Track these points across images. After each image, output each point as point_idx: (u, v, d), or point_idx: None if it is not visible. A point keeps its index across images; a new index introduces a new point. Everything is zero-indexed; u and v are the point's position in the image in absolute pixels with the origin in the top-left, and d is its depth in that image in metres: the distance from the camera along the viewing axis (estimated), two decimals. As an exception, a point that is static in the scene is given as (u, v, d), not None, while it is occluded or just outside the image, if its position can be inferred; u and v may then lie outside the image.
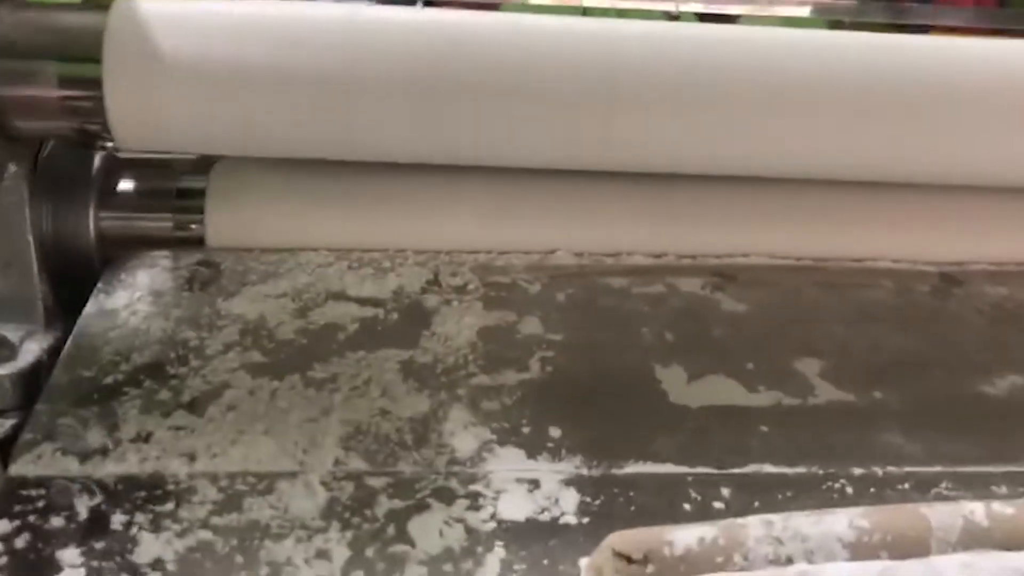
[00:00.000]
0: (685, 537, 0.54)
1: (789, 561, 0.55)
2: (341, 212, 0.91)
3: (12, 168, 0.78)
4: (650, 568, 0.53)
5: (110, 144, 0.79)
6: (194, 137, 0.76)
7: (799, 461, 0.69)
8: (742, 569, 0.54)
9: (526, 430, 0.70)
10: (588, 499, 0.63)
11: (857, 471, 0.68)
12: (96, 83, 0.70)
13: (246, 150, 0.83)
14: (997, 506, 0.57)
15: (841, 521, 0.56)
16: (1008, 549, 0.56)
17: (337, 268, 0.87)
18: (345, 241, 0.90)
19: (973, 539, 0.55)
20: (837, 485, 0.67)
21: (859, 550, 0.55)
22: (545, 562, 0.59)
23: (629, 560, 0.54)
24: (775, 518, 0.56)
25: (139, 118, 0.72)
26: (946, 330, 0.87)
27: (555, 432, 0.70)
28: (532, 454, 0.67)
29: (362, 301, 0.82)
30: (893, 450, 0.71)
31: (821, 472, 0.68)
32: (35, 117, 0.77)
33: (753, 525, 0.56)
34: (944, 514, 0.57)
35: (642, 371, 0.77)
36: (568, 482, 0.65)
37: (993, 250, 0.99)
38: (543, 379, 0.75)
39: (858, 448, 0.71)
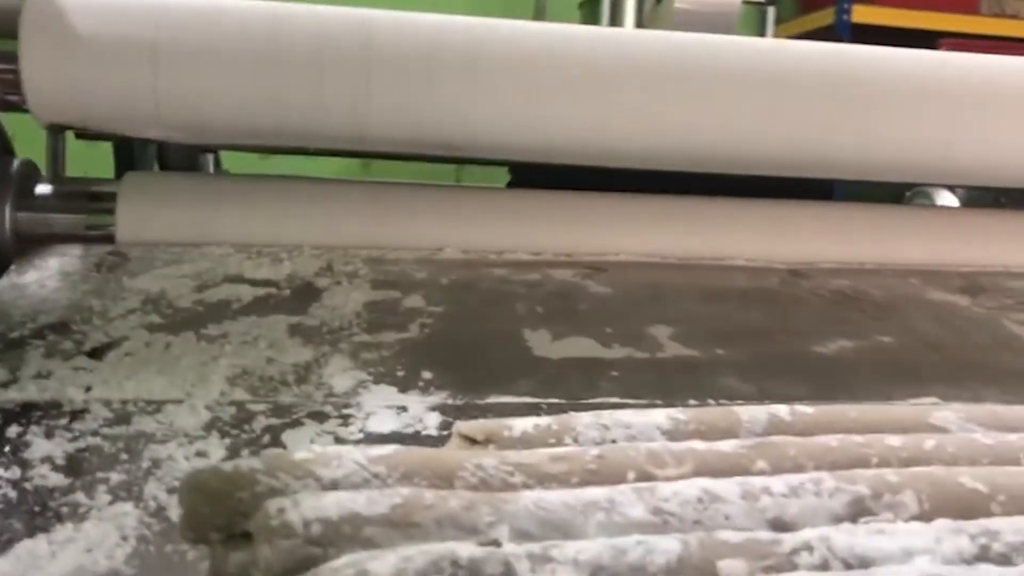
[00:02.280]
0: (523, 424, 0.62)
1: (613, 443, 0.62)
2: (242, 212, 0.99)
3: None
4: (491, 447, 0.61)
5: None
6: (106, 111, 0.84)
7: (642, 395, 0.77)
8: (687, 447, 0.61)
9: (400, 373, 0.77)
10: (449, 419, 0.71)
11: (692, 402, 0.77)
12: (14, 57, 0.79)
13: (153, 126, 0.91)
14: (800, 407, 0.66)
15: (661, 414, 0.64)
16: (805, 436, 0.64)
17: (237, 258, 0.95)
18: (246, 237, 0.98)
19: (776, 429, 0.64)
20: (674, 412, 0.75)
21: (675, 436, 0.62)
22: (405, 462, 0.66)
23: (473, 441, 0.61)
24: (604, 412, 0.64)
25: (53, 90, 0.80)
26: (788, 309, 0.97)
27: (427, 375, 0.77)
28: (404, 390, 0.75)
29: (257, 282, 0.90)
30: (728, 390, 0.80)
31: (661, 402, 0.76)
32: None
33: (584, 416, 0.63)
34: (753, 411, 0.65)
35: (511, 333, 0.86)
36: (433, 408, 0.72)
37: (838, 252, 1.11)
38: (421, 338, 0.83)
39: (696, 388, 0.79)
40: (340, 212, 1.00)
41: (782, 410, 0.65)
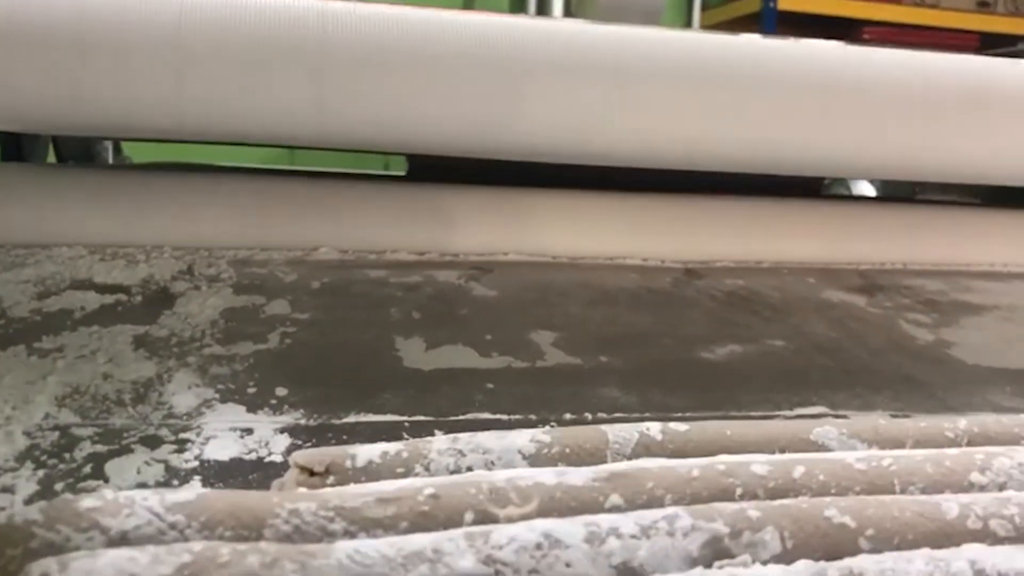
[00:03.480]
0: (368, 452, 0.56)
1: (469, 470, 0.57)
2: (98, 211, 0.91)
3: None
4: (331, 479, 0.55)
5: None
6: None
7: (516, 410, 0.72)
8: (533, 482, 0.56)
9: (252, 390, 0.71)
10: (299, 442, 0.65)
11: (568, 416, 0.72)
12: None
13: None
14: (673, 425, 0.62)
15: (524, 436, 0.59)
16: (677, 456, 0.60)
17: (88, 260, 0.87)
18: (102, 238, 0.91)
19: (647, 451, 0.59)
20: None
21: (538, 460, 0.58)
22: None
23: (311, 473, 0.55)
24: (463, 436, 0.59)
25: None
26: (679, 311, 0.94)
27: (281, 392, 0.71)
28: (253, 409, 0.68)
29: (106, 287, 0.83)
30: (608, 401, 0.76)
31: (535, 418, 0.72)
32: None
33: (439, 440, 0.58)
34: (622, 429, 0.61)
35: (382, 343, 0.80)
36: (282, 430, 0.66)
37: (735, 250, 1.08)
38: (280, 349, 0.77)
39: (575, 399, 0.75)
40: (204, 208, 0.93)
41: (653, 428, 0.61)
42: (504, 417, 0.71)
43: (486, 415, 0.72)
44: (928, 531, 0.49)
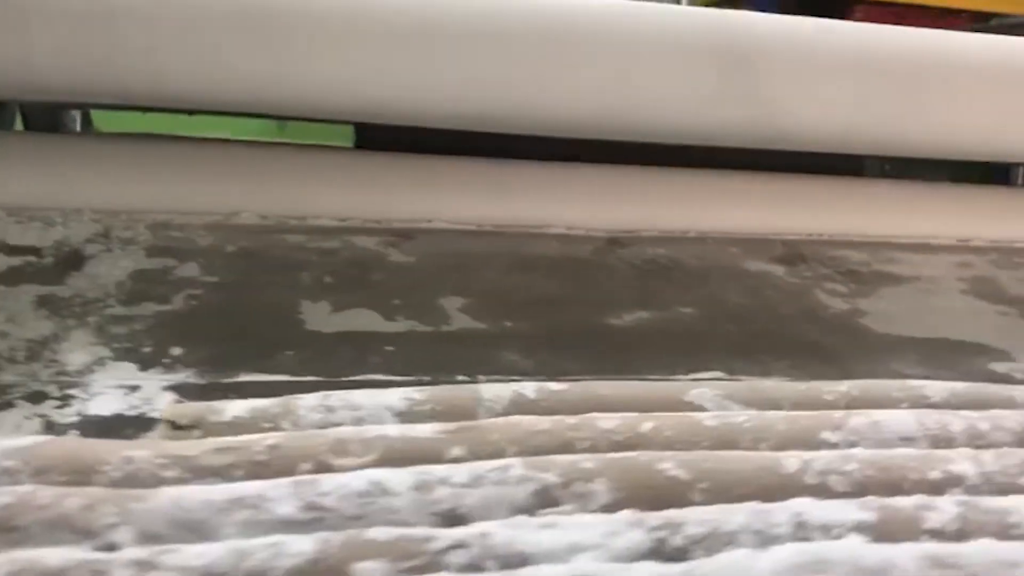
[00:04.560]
0: (237, 407, 0.57)
1: (337, 426, 0.58)
2: (15, 174, 0.92)
3: None
4: (197, 433, 0.56)
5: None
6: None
7: (411, 373, 0.73)
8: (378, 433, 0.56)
9: (147, 349, 0.72)
10: (184, 399, 0.66)
11: (461, 378, 0.73)
12: None
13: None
14: (549, 384, 0.63)
15: (396, 394, 0.60)
16: (550, 414, 0.61)
17: (3, 222, 0.87)
18: (20, 200, 0.91)
19: (519, 409, 0.60)
20: (438, 389, 0.72)
21: (409, 417, 0.59)
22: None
23: (178, 427, 0.56)
24: (335, 393, 0.60)
25: None
26: (595, 279, 0.94)
27: (177, 351, 0.72)
28: (145, 368, 0.69)
29: (17, 249, 0.83)
30: (507, 365, 0.76)
31: (428, 380, 0.72)
32: None
33: (309, 397, 0.59)
34: (496, 388, 0.62)
35: (287, 305, 0.81)
36: (170, 387, 0.67)
37: (660, 220, 1.08)
38: (183, 310, 0.78)
39: (472, 363, 0.76)
40: (125, 173, 0.93)
41: (528, 387, 0.62)
42: (397, 379, 0.72)
43: (378, 376, 0.72)
44: (764, 485, 0.50)
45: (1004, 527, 0.49)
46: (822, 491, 0.50)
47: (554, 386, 0.62)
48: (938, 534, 0.48)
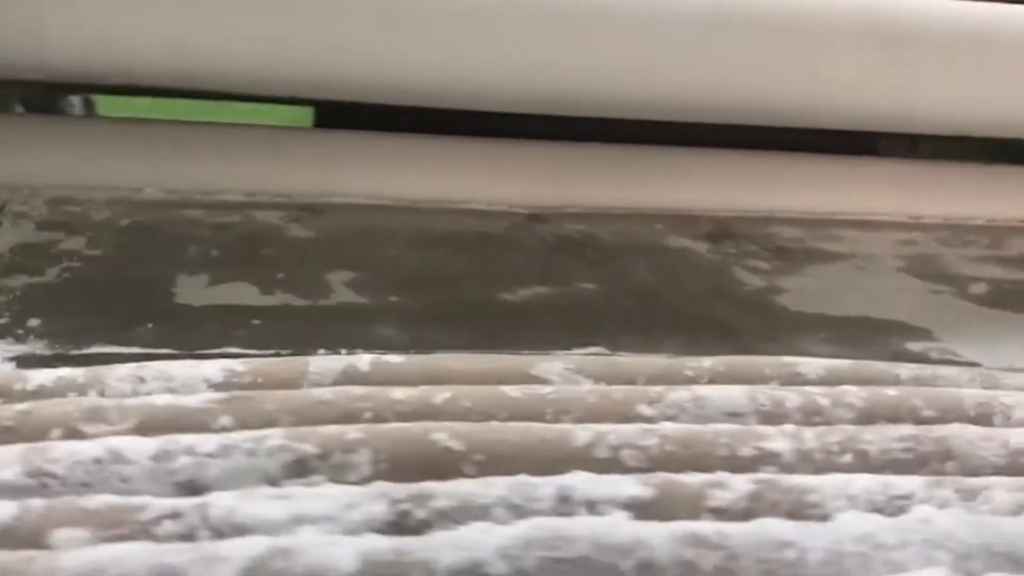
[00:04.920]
0: (43, 376, 0.56)
1: (147, 395, 0.56)
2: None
3: None
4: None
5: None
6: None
7: (272, 347, 0.71)
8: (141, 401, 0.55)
9: (3, 321, 0.71)
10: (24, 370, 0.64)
11: (322, 351, 0.71)
12: None
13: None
14: (387, 357, 0.60)
15: (215, 366, 0.58)
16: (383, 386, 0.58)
17: None
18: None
19: (350, 381, 0.57)
20: (293, 363, 0.70)
21: (224, 388, 0.56)
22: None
23: (-19, 395, 0.55)
24: (150, 364, 0.58)
25: None
26: (501, 254, 0.92)
27: (35, 322, 0.71)
28: (-4, 339, 0.69)
29: (-98, 223, 0.83)
30: (379, 340, 0.74)
31: (288, 354, 0.70)
32: None
33: (122, 367, 0.57)
34: (326, 361, 0.60)
35: (162, 279, 0.79)
36: (13, 359, 0.66)
37: (586, 196, 1.05)
38: (53, 283, 0.77)
39: (340, 338, 0.73)
40: (25, 149, 0.93)
41: (363, 360, 0.59)
42: (253, 353, 0.70)
43: (235, 350, 0.71)
44: (547, 457, 0.47)
45: (799, 506, 0.45)
46: (609, 465, 0.47)
47: (390, 358, 0.60)
48: (721, 512, 0.44)
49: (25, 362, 0.66)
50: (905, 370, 0.65)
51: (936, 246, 1.06)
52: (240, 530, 0.39)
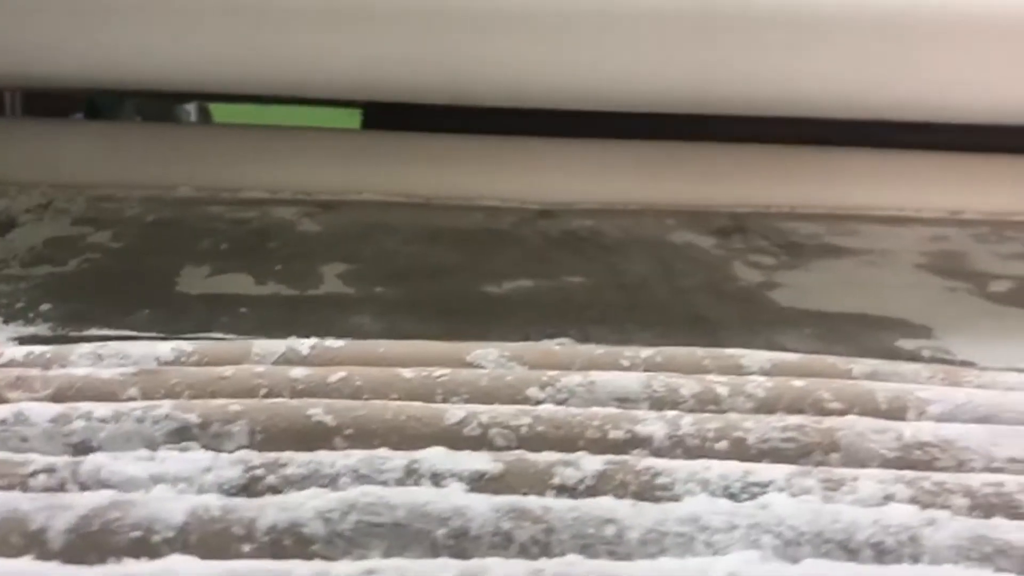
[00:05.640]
0: (14, 352, 0.62)
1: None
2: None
3: None
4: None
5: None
6: None
7: (252, 333, 0.76)
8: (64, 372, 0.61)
9: (20, 305, 0.78)
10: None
11: (293, 338, 0.75)
12: None
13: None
14: (327, 341, 0.64)
15: (167, 346, 0.63)
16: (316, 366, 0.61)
17: (-41, 192, 0.98)
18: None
19: (289, 361, 0.62)
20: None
21: (174, 365, 0.62)
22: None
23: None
24: (112, 343, 0.64)
25: None
26: (498, 249, 0.94)
27: (45, 307, 0.78)
28: (8, 320, 0.76)
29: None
30: (353, 328, 0.78)
31: (261, 338, 0.75)
32: None
33: (85, 345, 0.63)
34: (270, 344, 0.64)
35: (169, 269, 0.86)
36: (18, 339, 0.73)
37: (601, 192, 1.06)
38: (72, 272, 0.85)
39: (317, 325, 0.77)
40: (70, 152, 1.02)
41: (303, 344, 0.64)
42: (233, 337, 0.76)
43: (219, 335, 0.76)
44: (414, 434, 0.50)
45: (647, 488, 0.46)
46: (476, 443, 0.49)
47: (330, 343, 0.64)
48: (565, 490, 0.46)
49: (27, 341, 0.73)
50: (861, 365, 0.64)
51: (970, 243, 1.01)
52: (102, 485, 0.44)
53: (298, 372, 0.54)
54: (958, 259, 0.98)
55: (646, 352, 0.63)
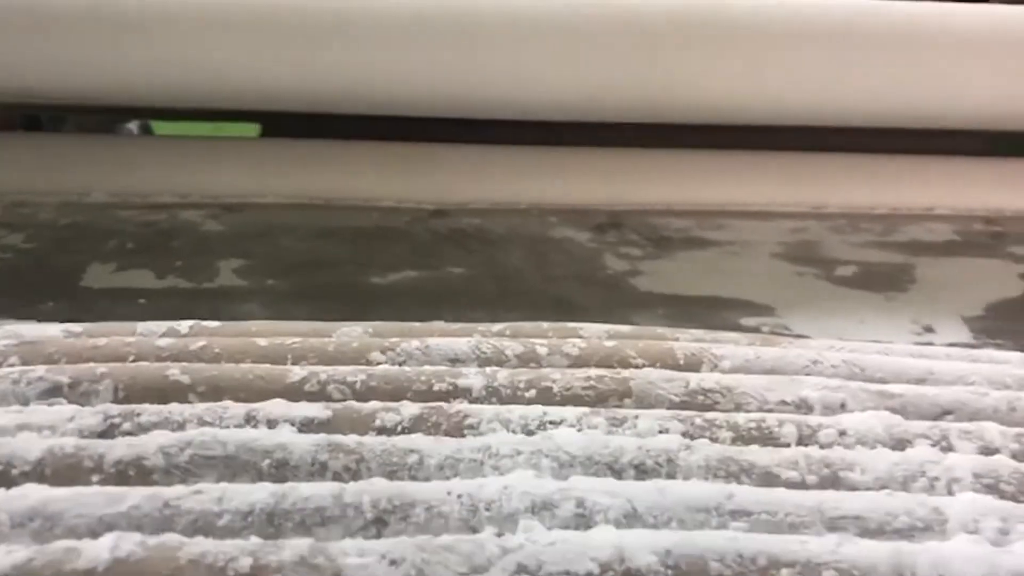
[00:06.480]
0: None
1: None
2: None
3: None
4: None
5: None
6: None
7: (145, 319, 0.83)
8: None
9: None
10: (-72, 337, 0.78)
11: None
12: None
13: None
14: (205, 322, 0.71)
15: (58, 327, 0.70)
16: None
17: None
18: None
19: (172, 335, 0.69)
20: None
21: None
22: None
23: None
24: (8, 327, 0.70)
25: None
26: (388, 244, 1.02)
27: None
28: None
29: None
30: (243, 315, 0.85)
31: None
32: None
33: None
34: (153, 324, 0.70)
35: (76, 267, 0.92)
36: (-75, 328, 0.80)
37: (496, 193, 1.14)
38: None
39: (209, 313, 0.83)
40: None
41: (183, 325, 0.70)
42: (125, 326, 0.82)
43: (114, 326, 0.83)
44: (259, 389, 0.57)
45: (456, 427, 0.54)
46: (314, 397, 0.56)
47: (208, 324, 0.70)
48: (385, 431, 0.53)
49: (-67, 331, 0.79)
50: (686, 334, 0.72)
51: (826, 233, 1.11)
52: (-26, 434, 0.51)
53: (163, 341, 0.61)
54: (812, 248, 1.07)
55: (496, 327, 0.71)
